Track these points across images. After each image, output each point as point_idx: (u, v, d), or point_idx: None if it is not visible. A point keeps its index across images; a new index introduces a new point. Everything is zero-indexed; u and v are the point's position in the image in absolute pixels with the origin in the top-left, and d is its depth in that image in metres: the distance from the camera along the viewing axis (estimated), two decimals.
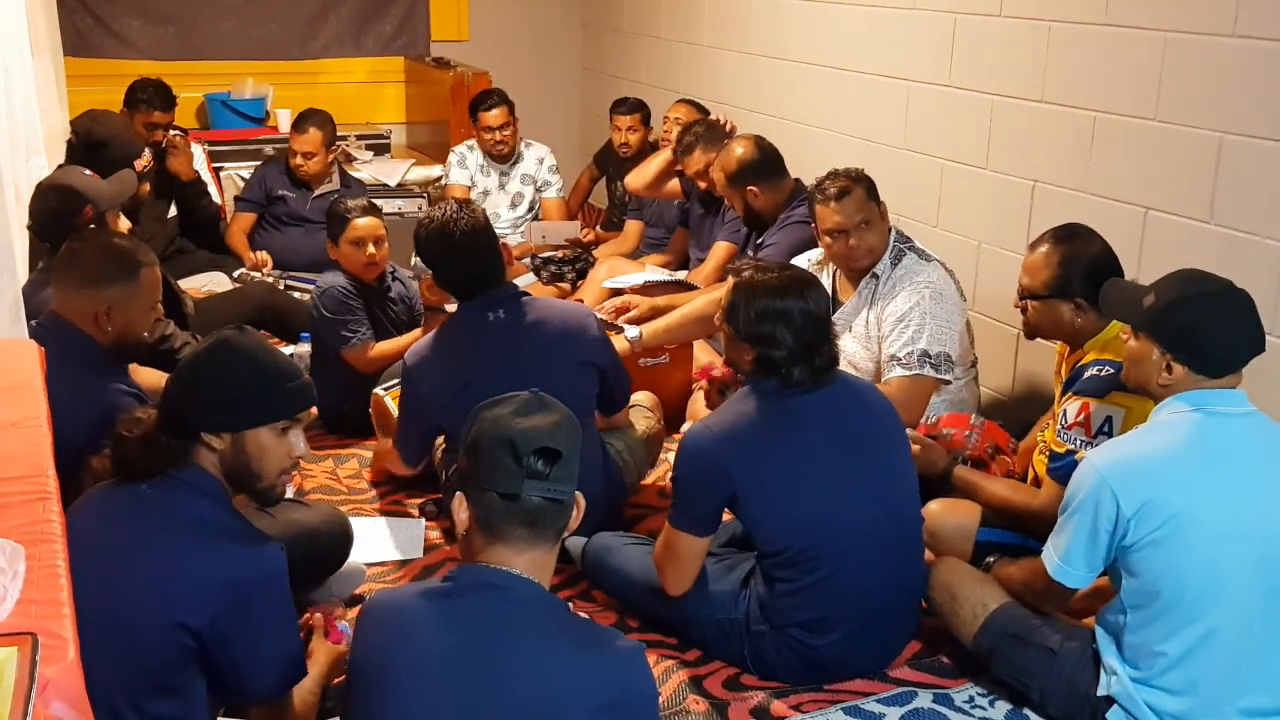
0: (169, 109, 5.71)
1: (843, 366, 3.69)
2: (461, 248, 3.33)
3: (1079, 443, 2.94)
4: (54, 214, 3.67)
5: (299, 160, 5.74)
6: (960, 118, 4.26)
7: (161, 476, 2.25)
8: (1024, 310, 3.19)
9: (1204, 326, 2.49)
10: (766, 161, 4.53)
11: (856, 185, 3.70)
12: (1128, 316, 2.67)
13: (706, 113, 5.43)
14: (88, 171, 3.93)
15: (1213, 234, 3.30)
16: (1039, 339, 3.27)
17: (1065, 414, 3.00)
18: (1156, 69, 3.45)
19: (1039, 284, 3.12)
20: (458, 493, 2.08)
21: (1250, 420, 2.50)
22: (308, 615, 2.70)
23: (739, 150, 4.53)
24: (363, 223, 4.20)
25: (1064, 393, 3.10)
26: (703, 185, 5.02)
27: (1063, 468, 2.90)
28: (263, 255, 5.67)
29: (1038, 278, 3.12)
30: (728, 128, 5.00)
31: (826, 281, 3.84)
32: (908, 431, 3.14)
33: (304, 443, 2.37)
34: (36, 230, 3.81)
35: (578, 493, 2.09)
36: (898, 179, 4.48)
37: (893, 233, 3.76)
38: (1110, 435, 2.88)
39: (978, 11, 4.13)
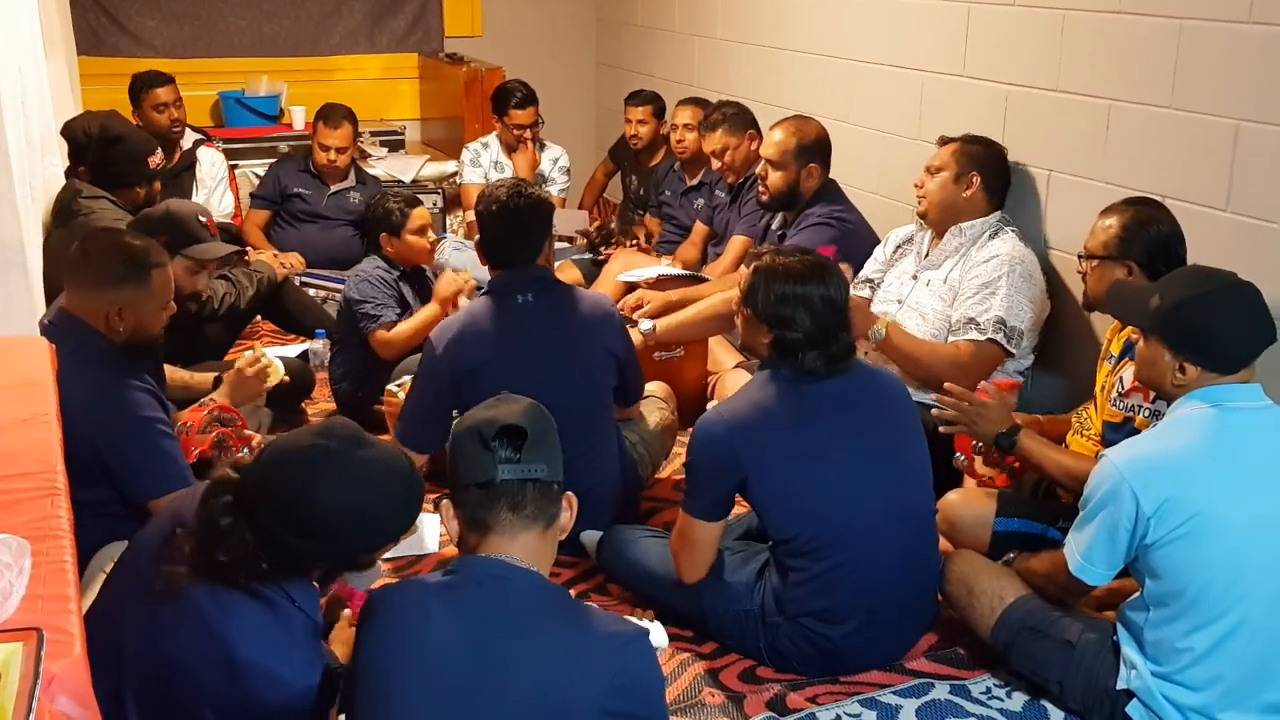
0: (169, 83, 5.69)
1: (912, 315, 3.77)
2: (502, 214, 3.35)
3: (1138, 409, 2.90)
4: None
5: (331, 155, 5.71)
6: (975, 108, 4.23)
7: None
8: (1084, 277, 3.18)
9: (1212, 325, 2.45)
10: (829, 151, 4.51)
11: (961, 142, 3.84)
12: (1134, 319, 2.64)
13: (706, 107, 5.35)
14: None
15: (1229, 222, 3.27)
16: (1095, 312, 3.26)
17: (1122, 381, 2.98)
18: (1172, 56, 3.42)
19: (1098, 244, 3.11)
20: (444, 501, 2.11)
21: (1267, 414, 2.48)
22: (334, 589, 2.58)
23: (818, 129, 4.52)
24: (420, 210, 4.44)
25: (1116, 365, 3.07)
26: (715, 166, 5.07)
27: (1122, 437, 2.85)
28: (295, 257, 5.63)
29: (1098, 238, 3.12)
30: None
31: (924, 242, 3.92)
32: (985, 383, 3.13)
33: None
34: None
35: (569, 493, 2.10)
36: (913, 169, 4.44)
37: (999, 214, 3.80)
38: None
39: (992, 1, 4.11)
